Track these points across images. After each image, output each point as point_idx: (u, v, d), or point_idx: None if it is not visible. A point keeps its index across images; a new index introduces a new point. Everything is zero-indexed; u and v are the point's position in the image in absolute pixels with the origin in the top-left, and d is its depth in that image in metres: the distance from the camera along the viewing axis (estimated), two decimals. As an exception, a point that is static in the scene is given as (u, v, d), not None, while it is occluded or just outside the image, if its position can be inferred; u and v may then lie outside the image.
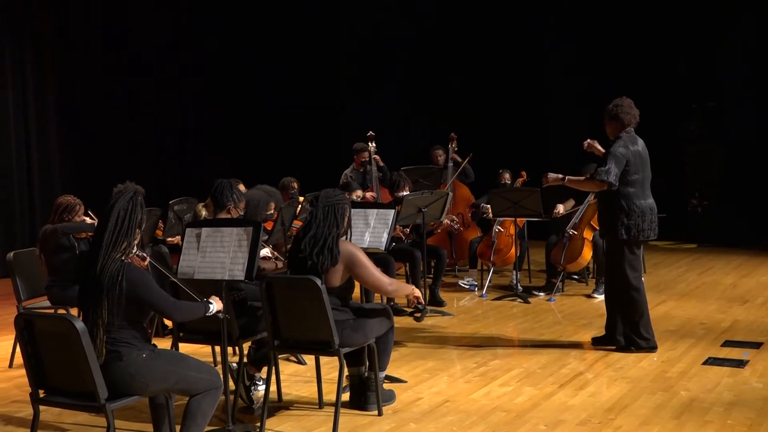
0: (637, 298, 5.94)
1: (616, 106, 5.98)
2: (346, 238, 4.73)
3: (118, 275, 3.60)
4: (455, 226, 8.86)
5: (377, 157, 9.39)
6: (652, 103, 11.87)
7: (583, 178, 6.11)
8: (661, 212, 6.12)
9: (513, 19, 13.05)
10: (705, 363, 5.73)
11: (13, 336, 5.83)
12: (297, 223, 6.26)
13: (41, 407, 3.78)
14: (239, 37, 13.69)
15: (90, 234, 6.02)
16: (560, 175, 6.13)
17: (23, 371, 3.92)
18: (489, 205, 8.46)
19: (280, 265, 5.37)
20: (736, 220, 11.78)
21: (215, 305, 4.05)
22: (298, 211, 6.63)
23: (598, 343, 6.26)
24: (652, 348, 6.00)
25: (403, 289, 4.85)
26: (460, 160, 9.69)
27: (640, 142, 5.98)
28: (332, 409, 4.61)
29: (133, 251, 3.78)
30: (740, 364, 5.67)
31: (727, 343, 6.25)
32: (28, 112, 10.77)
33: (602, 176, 5.81)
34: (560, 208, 8.18)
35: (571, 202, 8.26)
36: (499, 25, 13.08)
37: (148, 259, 3.94)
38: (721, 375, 5.43)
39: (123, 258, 3.68)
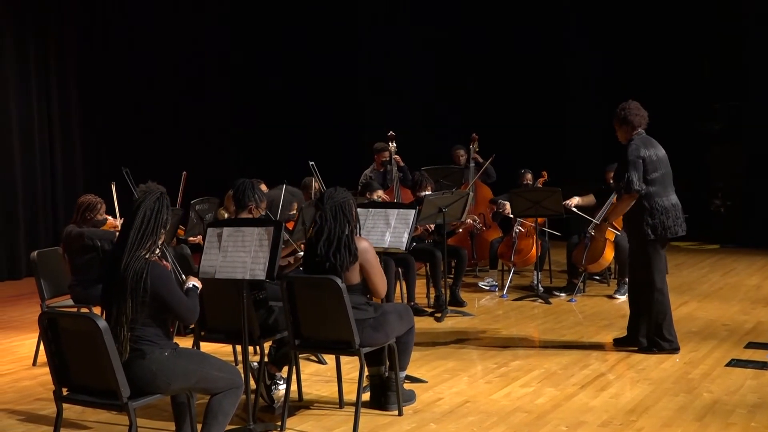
0: (661, 299, 5.90)
1: (623, 109, 5.98)
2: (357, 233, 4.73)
3: (142, 273, 3.62)
4: (477, 226, 8.84)
5: (398, 157, 9.39)
6: (676, 103, 11.84)
7: (614, 206, 6.24)
8: (684, 213, 6.07)
9: (534, 19, 12.99)
10: (728, 365, 5.68)
11: (37, 334, 5.91)
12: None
13: (64, 405, 3.81)
14: (261, 37, 13.75)
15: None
16: (604, 220, 6.71)
17: (47, 369, 3.95)
18: (507, 202, 8.41)
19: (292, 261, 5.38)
20: (760, 220, 11.66)
21: (198, 285, 3.98)
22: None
23: (619, 344, 6.22)
24: (674, 350, 5.96)
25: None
26: (481, 160, 9.67)
27: (654, 142, 5.96)
28: (353, 408, 4.62)
29: (157, 251, 3.80)
30: (764, 366, 5.61)
31: (751, 345, 6.19)
32: (51, 113, 10.87)
33: (630, 190, 5.81)
34: (573, 200, 7.66)
35: (590, 198, 8.15)
36: (521, 24, 13.02)
37: (170, 266, 3.93)
38: (745, 377, 5.38)
39: (147, 257, 3.70)
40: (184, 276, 4.02)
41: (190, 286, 3.95)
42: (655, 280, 5.88)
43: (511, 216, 8.57)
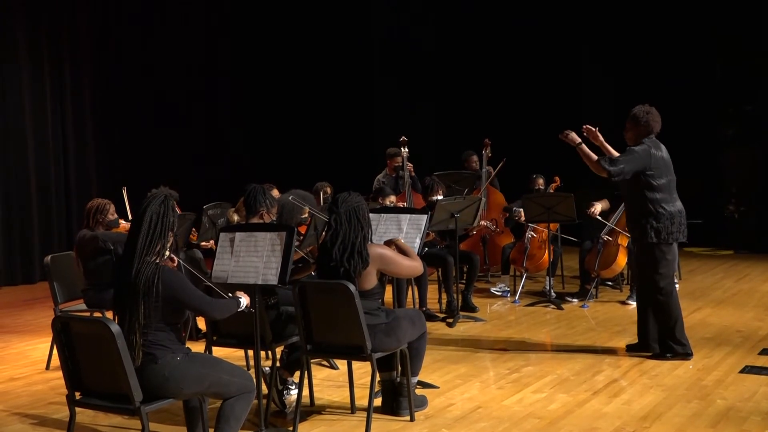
0: (670, 303, 5.88)
1: (647, 113, 5.95)
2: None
3: (154, 278, 3.63)
4: (492, 228, 8.83)
5: (410, 165, 9.39)
6: (689, 107, 11.79)
7: (594, 157, 5.99)
8: (698, 218, 6.06)
9: (548, 24, 12.98)
10: (742, 371, 5.65)
11: (51, 338, 5.93)
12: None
13: (77, 409, 3.82)
14: (273, 42, 13.79)
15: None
16: (578, 140, 6.12)
17: (60, 373, 3.97)
18: (522, 209, 8.40)
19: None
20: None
21: (245, 300, 4.09)
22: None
23: (632, 350, 6.19)
24: (687, 354, 5.93)
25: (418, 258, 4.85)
26: (491, 169, 9.63)
27: (663, 147, 5.95)
28: (364, 414, 4.62)
29: (167, 254, 3.81)
30: (778, 372, 5.58)
31: (765, 352, 6.15)
32: (65, 118, 10.93)
33: (605, 163, 5.79)
34: (597, 207, 7.74)
35: (605, 203, 8.14)
36: (535, 29, 13.01)
37: (177, 260, 3.96)
38: (759, 384, 5.35)
39: (157, 261, 3.71)
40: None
41: (235, 296, 4.06)
42: (660, 283, 5.86)
43: (517, 219, 8.56)
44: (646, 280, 5.96)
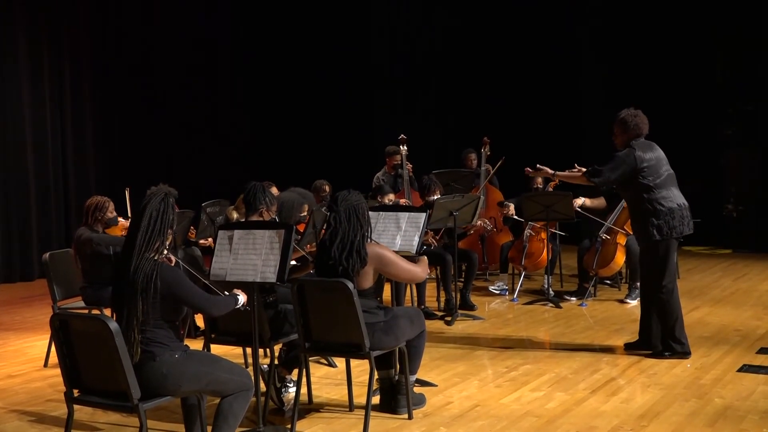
0: (670, 300, 5.89)
1: (635, 116, 5.95)
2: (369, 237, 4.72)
3: (152, 275, 3.63)
4: (488, 228, 8.83)
5: (410, 165, 9.39)
6: (689, 108, 11.79)
7: (577, 174, 6.01)
8: (696, 217, 6.04)
9: (549, 23, 12.97)
10: (740, 370, 5.65)
11: (49, 335, 5.94)
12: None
13: (75, 406, 3.82)
14: (272, 41, 13.79)
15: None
16: (550, 171, 6.11)
17: (58, 371, 3.97)
18: (511, 204, 8.42)
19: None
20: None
21: (242, 298, 4.10)
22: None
23: (630, 348, 6.20)
24: (686, 354, 5.94)
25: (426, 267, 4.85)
26: (490, 167, 9.63)
27: (654, 145, 5.96)
28: (362, 411, 4.62)
29: (165, 252, 3.81)
30: (776, 371, 5.59)
31: (763, 350, 6.16)
32: (64, 115, 10.94)
33: (589, 176, 5.88)
34: (579, 201, 7.79)
35: (600, 200, 8.14)
36: (535, 28, 13.00)
37: (174, 259, 3.97)
38: (757, 383, 5.35)
39: (156, 258, 3.72)
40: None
41: (233, 294, 4.07)
42: (663, 280, 5.87)
43: (514, 218, 8.57)
44: (649, 278, 5.97)
